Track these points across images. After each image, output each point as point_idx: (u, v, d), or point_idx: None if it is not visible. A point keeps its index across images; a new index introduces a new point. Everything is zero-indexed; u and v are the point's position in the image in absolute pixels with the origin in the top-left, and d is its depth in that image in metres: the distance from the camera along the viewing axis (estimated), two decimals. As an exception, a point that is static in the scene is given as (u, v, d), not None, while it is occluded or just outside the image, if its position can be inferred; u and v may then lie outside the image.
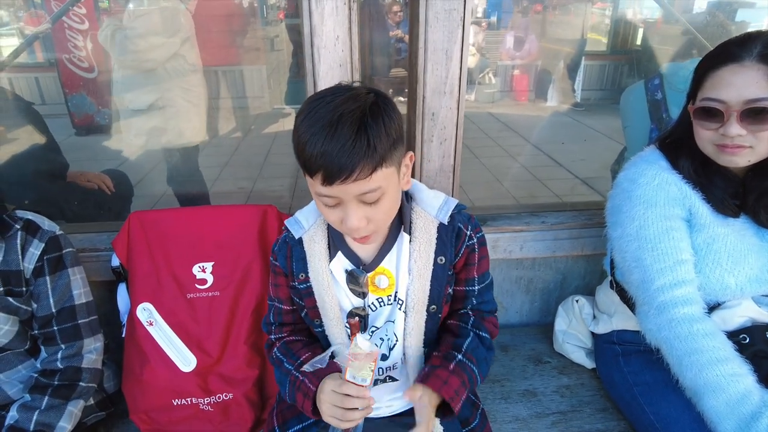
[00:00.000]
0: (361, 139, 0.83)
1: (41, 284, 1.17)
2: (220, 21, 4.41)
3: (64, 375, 1.19)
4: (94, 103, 4.46)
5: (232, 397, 1.37)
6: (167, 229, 1.43)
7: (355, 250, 1.07)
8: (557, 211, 1.72)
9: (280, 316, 1.15)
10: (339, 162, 0.82)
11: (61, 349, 1.20)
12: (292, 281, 1.10)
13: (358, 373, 0.92)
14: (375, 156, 0.84)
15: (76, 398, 1.19)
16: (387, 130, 0.87)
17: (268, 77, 5.29)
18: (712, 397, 1.06)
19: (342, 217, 0.91)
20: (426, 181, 1.51)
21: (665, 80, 1.91)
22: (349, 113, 0.84)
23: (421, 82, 1.37)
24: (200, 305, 1.40)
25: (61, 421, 1.15)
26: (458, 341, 1.06)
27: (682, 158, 1.21)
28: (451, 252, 1.05)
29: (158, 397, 1.35)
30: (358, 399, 0.92)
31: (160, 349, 1.37)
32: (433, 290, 1.05)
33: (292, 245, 1.09)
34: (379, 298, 1.07)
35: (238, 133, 4.64)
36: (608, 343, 1.46)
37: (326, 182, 0.85)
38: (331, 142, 0.82)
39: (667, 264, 1.17)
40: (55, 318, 1.19)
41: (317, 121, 0.84)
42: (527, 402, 1.47)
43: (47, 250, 1.16)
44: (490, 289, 1.14)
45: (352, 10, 1.28)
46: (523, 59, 5.31)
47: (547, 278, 1.79)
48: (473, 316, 1.11)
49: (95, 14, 4.36)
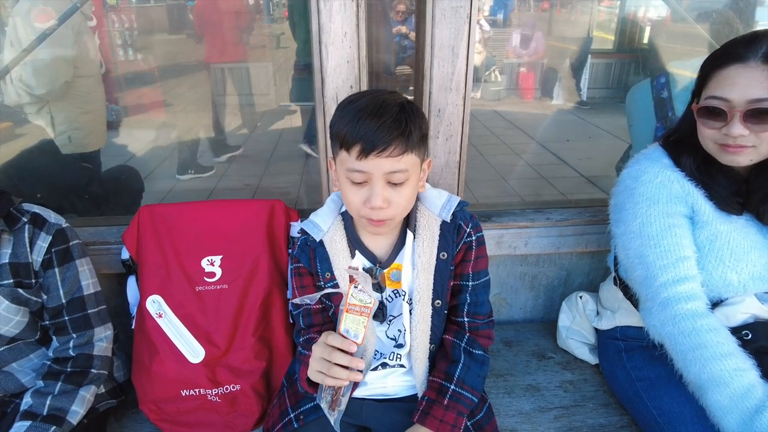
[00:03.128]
0: (401, 120, 0.95)
1: (50, 276, 1.19)
2: (227, 18, 4.43)
3: (77, 362, 1.21)
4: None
5: (240, 389, 1.39)
6: (176, 223, 1.45)
7: (371, 249, 1.14)
8: (562, 207, 1.73)
9: (310, 318, 1.20)
10: (378, 135, 0.93)
11: (73, 338, 1.23)
12: (318, 281, 1.16)
13: (352, 328, 0.94)
14: (409, 139, 0.96)
15: (88, 384, 1.22)
16: (420, 122, 1.00)
17: (274, 74, 5.31)
18: (715, 392, 1.06)
19: (366, 198, 0.98)
20: (432, 178, 1.52)
21: (671, 78, 1.91)
22: (391, 101, 0.98)
23: (427, 78, 1.39)
24: (209, 298, 1.42)
25: (74, 406, 1.17)
26: (451, 369, 1.11)
27: (684, 155, 1.22)
28: (453, 248, 1.11)
29: (167, 387, 1.37)
30: (345, 355, 0.93)
31: (169, 341, 1.39)
32: (436, 284, 1.11)
33: (314, 247, 1.15)
34: (395, 290, 1.14)
35: (245, 130, 4.66)
36: (611, 338, 1.47)
37: (362, 154, 0.94)
38: (374, 119, 0.94)
39: (670, 260, 1.17)
40: (66, 308, 1.22)
41: (362, 105, 0.97)
42: (530, 396, 1.48)
43: (54, 242, 1.18)
44: (486, 290, 1.18)
45: (360, 6, 1.29)
46: (530, 57, 5.30)
47: (551, 275, 1.80)
48: (468, 333, 1.16)
49: (103, 11, 4.40)
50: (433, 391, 1.10)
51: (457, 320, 1.17)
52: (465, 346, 1.14)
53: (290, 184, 3.43)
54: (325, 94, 1.38)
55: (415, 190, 1.05)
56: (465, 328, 1.16)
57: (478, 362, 1.14)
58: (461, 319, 1.16)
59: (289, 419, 1.16)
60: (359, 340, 0.94)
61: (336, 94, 1.38)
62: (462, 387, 1.10)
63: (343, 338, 0.95)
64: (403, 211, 1.04)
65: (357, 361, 0.94)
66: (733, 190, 1.20)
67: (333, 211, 1.17)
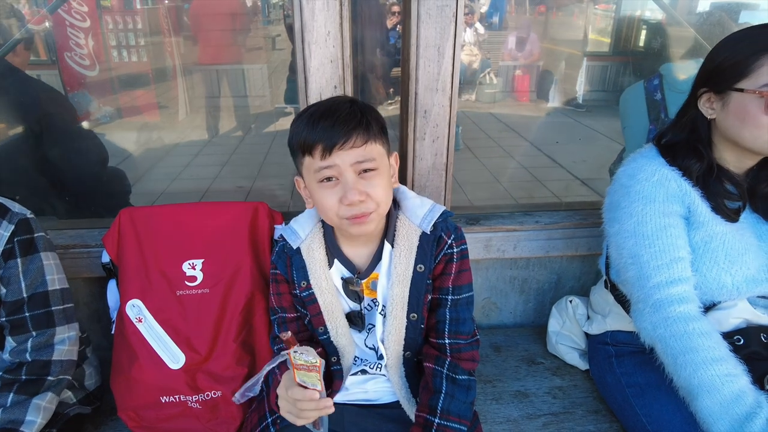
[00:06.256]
0: (354, 112, 0.97)
1: (12, 267, 1.13)
2: (222, 19, 4.42)
3: (31, 369, 1.14)
4: (95, 100, 4.48)
5: (221, 395, 1.36)
6: (157, 226, 1.42)
7: (350, 258, 1.11)
8: (551, 210, 1.71)
9: (285, 326, 1.17)
10: (336, 130, 0.94)
11: (32, 337, 1.15)
12: (293, 289, 1.13)
13: (307, 381, 0.90)
14: (368, 128, 0.97)
15: (44, 392, 1.14)
16: (375, 115, 1.01)
17: (270, 76, 5.30)
18: (706, 397, 1.04)
19: (341, 196, 0.96)
20: (418, 180, 1.49)
21: (664, 81, 1.90)
22: (340, 100, 1.01)
23: (413, 78, 1.36)
24: (189, 302, 1.39)
25: (28, 416, 1.10)
26: (433, 401, 1.06)
27: (689, 160, 1.18)
28: (431, 260, 1.07)
29: (146, 394, 1.34)
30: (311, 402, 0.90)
31: (148, 346, 1.35)
32: (412, 297, 1.08)
33: (290, 255, 1.12)
34: (373, 299, 1.12)
35: (239, 132, 4.64)
36: (602, 343, 1.45)
37: (326, 152, 0.94)
38: (328, 118, 0.95)
39: (664, 261, 1.15)
40: (27, 303, 1.15)
41: (313, 110, 0.99)
42: (519, 403, 1.45)
43: (17, 231, 1.13)
44: (468, 308, 1.13)
45: (343, 5, 1.27)
46: (526, 59, 5.29)
47: (541, 278, 1.78)
48: (450, 358, 1.10)
49: (97, 12, 4.38)
50: (419, 426, 1.06)
51: (438, 342, 1.11)
52: (447, 373, 1.08)
53: (283, 187, 3.41)
54: (308, 95, 1.36)
55: (389, 182, 1.02)
56: (446, 351, 1.10)
57: (463, 388, 1.08)
58: (442, 341, 1.10)
59: (266, 424, 1.13)
60: (318, 388, 0.90)
61: (320, 94, 1.36)
62: (447, 419, 1.04)
63: (303, 389, 0.90)
64: (381, 204, 1.00)
65: (324, 402, 0.90)
66: (734, 198, 1.18)
67: (313, 217, 1.14)
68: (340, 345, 1.14)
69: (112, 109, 4.56)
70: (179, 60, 4.83)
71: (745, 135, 1.11)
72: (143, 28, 4.71)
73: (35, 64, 4.57)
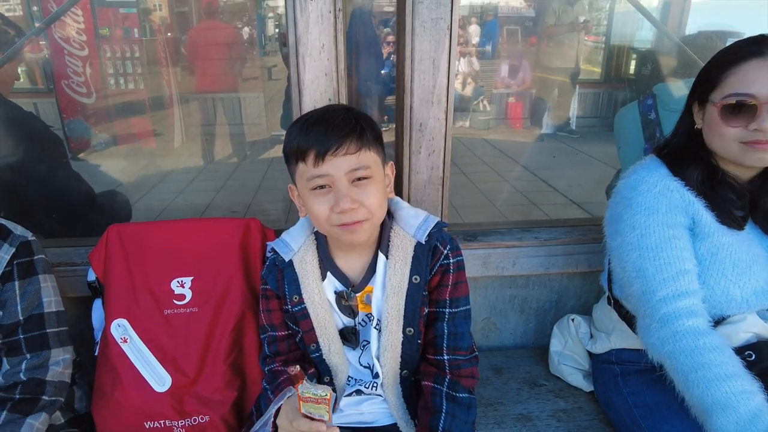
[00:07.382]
0: (349, 119, 0.95)
1: (9, 290, 1.13)
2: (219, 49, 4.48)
3: (26, 388, 1.13)
4: (91, 128, 4.49)
5: (209, 420, 1.29)
6: (146, 242, 1.38)
7: (344, 270, 1.08)
8: (550, 227, 1.68)
9: (275, 345, 1.13)
10: (329, 136, 0.92)
11: (26, 359, 1.14)
12: (285, 304, 1.09)
13: (314, 411, 0.87)
14: (362, 135, 0.95)
15: (38, 412, 1.13)
16: (370, 123, 0.99)
17: (266, 105, 5.36)
18: (721, 416, 0.99)
19: (333, 204, 0.94)
20: (414, 194, 1.47)
21: (658, 100, 1.91)
22: (335, 107, 1.01)
23: (408, 91, 1.35)
24: (177, 322, 1.33)
25: None
26: (433, 422, 1.02)
27: (688, 167, 1.17)
28: (427, 271, 1.04)
29: (129, 418, 1.27)
30: None
31: (133, 368, 1.29)
32: (407, 309, 1.04)
33: (282, 268, 1.08)
34: (368, 314, 1.08)
35: (234, 159, 4.65)
36: (606, 363, 1.39)
37: (318, 158, 0.92)
38: (322, 124, 0.94)
39: (670, 274, 1.11)
40: (22, 326, 1.14)
41: (307, 117, 0.98)
42: (522, 427, 1.38)
43: (18, 254, 1.13)
44: (466, 321, 1.09)
45: (338, 18, 1.27)
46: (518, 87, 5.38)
47: (541, 297, 1.73)
48: (449, 375, 1.06)
49: (95, 41, 4.44)
50: None
51: (436, 359, 1.07)
52: (447, 391, 1.03)
53: (277, 212, 3.38)
54: (302, 108, 1.34)
55: (384, 192, 1.00)
56: (445, 368, 1.06)
57: (463, 407, 1.03)
58: (441, 357, 1.06)
59: None
60: (326, 418, 0.87)
61: (314, 107, 1.34)
62: None
63: (308, 420, 0.87)
64: (375, 212, 0.97)
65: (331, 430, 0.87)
66: (738, 206, 1.16)
67: (305, 229, 1.11)
68: (332, 363, 1.10)
69: (108, 136, 4.57)
70: (176, 88, 4.90)
71: (716, 145, 1.13)
72: (141, 57, 4.78)
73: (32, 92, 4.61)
